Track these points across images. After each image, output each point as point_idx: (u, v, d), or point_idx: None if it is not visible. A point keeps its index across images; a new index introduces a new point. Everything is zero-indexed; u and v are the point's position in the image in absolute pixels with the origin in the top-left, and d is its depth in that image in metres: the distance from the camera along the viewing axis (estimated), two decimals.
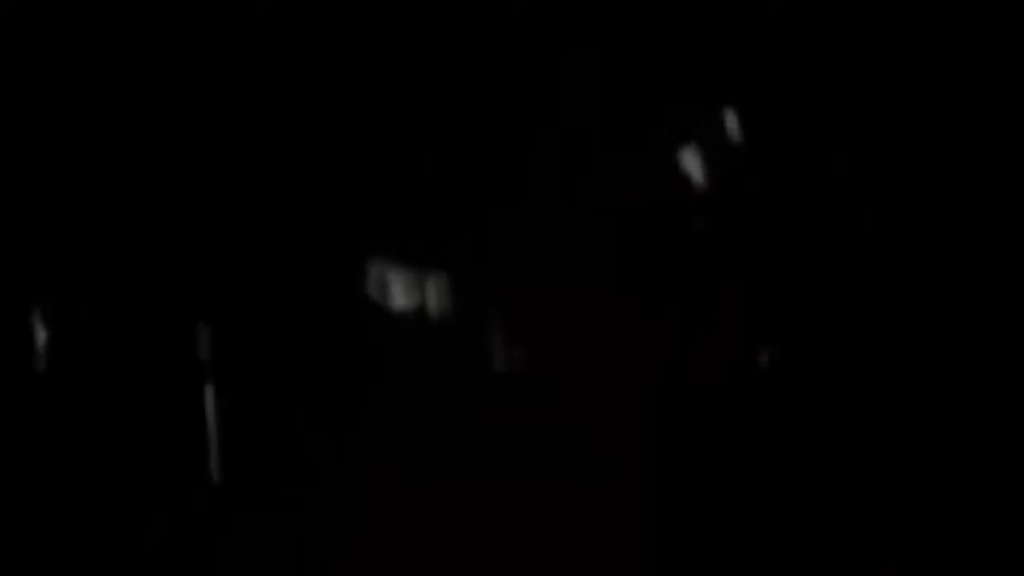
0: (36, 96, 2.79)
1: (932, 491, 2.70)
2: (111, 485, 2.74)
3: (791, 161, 2.82)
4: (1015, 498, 2.69)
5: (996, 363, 2.72)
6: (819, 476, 2.72)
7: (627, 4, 2.83)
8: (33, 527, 2.72)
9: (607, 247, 2.81)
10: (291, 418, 2.79)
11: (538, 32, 2.83)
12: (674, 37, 2.84)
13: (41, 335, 2.76)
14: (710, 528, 2.74)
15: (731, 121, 2.81)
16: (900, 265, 2.77)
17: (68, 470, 2.74)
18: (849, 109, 2.81)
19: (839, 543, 2.71)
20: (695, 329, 2.78)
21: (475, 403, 2.78)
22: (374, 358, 2.80)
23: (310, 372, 2.79)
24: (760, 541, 2.72)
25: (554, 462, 2.74)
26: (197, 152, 2.82)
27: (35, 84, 2.78)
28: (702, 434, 2.76)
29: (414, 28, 2.82)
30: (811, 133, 2.82)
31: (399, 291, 2.82)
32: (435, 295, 2.82)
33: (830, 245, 2.78)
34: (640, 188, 2.82)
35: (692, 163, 2.82)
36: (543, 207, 2.80)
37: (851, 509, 2.71)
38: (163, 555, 2.72)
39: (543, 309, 2.79)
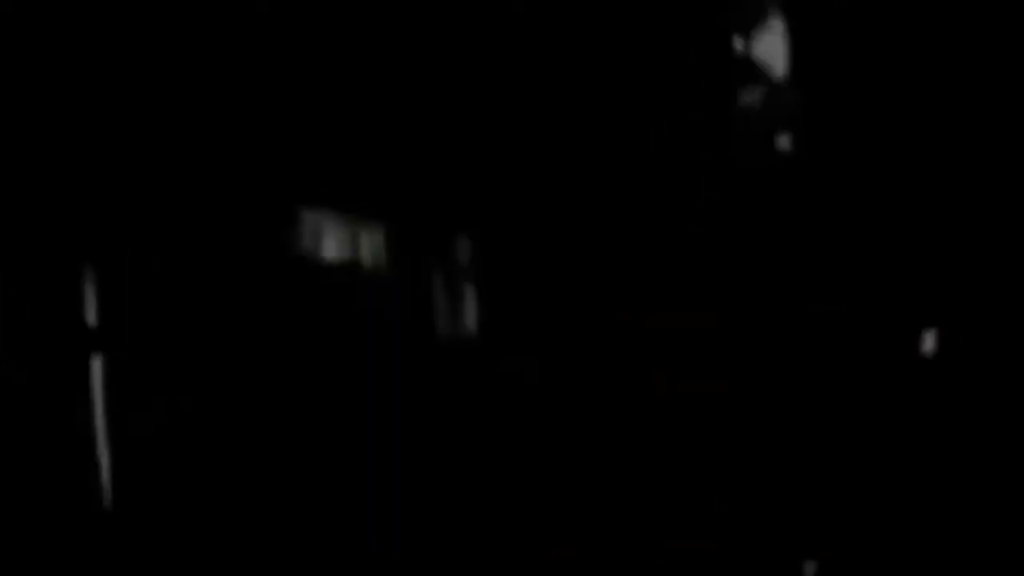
0: None
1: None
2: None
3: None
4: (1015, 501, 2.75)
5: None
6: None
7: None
8: None
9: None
10: (220, 372, 2.73)
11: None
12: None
13: None
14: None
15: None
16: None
17: None
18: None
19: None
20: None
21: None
22: (306, 310, 2.75)
23: (243, 326, 2.73)
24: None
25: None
26: (126, 93, 2.74)
27: None
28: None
29: None
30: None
31: (332, 242, 2.75)
32: (370, 247, 2.76)
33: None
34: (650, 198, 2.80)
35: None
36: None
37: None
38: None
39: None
